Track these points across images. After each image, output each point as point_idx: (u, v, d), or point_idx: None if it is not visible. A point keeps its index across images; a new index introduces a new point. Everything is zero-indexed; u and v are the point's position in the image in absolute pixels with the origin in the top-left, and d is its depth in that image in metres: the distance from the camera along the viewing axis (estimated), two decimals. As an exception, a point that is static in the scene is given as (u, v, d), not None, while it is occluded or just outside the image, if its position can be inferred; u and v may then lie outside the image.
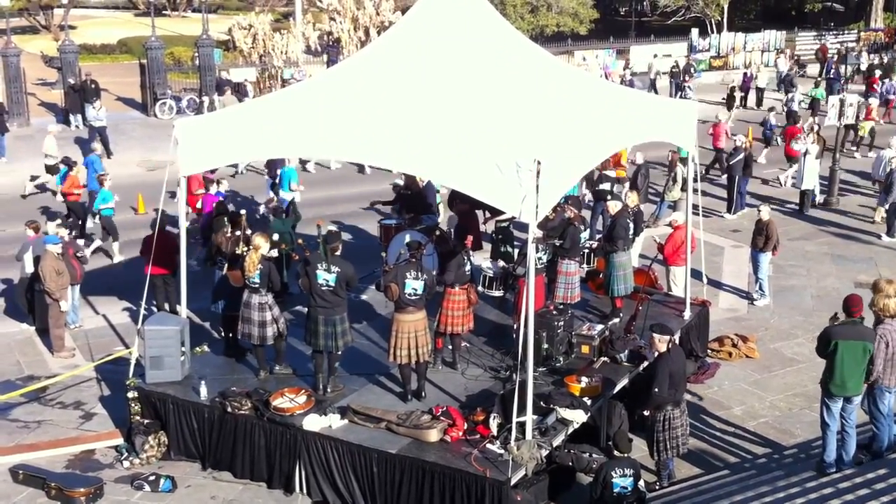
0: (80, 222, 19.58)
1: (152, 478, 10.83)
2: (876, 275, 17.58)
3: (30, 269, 14.83)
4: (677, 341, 11.57)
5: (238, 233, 12.56)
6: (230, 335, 12.62)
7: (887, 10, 54.25)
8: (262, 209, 20.39)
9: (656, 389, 10.18)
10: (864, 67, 40.14)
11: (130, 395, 11.57)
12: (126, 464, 11.27)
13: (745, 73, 38.24)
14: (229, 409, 10.89)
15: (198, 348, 12.60)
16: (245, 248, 11.84)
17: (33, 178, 23.52)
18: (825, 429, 10.11)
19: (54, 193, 21.95)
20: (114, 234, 18.70)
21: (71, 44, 32.38)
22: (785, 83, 35.74)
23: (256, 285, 11.49)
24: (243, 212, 13.74)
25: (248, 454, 10.90)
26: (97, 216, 19.13)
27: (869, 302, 9.93)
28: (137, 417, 11.54)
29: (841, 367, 9.75)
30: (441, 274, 12.03)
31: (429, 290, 11.11)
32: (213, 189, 17.55)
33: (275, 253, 12.17)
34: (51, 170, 22.49)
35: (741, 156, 21.78)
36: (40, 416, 12.53)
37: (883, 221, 20.82)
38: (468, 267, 12.17)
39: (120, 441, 11.70)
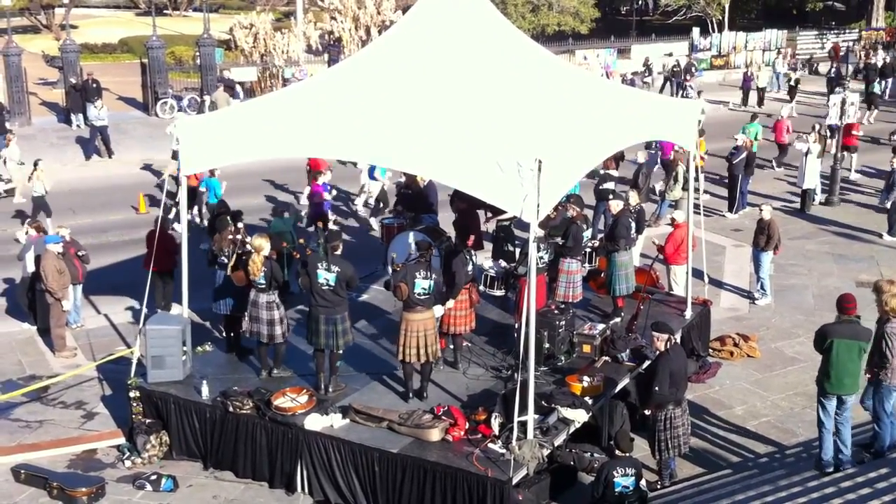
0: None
1: (154, 477, 10.83)
2: (877, 274, 17.60)
3: (31, 268, 14.84)
4: (678, 340, 11.56)
5: (239, 236, 12.56)
6: (232, 335, 12.63)
7: (888, 10, 54.17)
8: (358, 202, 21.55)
9: (657, 388, 10.18)
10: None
11: (132, 394, 11.57)
12: (128, 463, 11.27)
13: (744, 73, 38.23)
14: (231, 409, 10.89)
15: (199, 348, 12.60)
16: (246, 250, 11.84)
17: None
18: (821, 427, 10.15)
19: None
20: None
21: (72, 43, 32.41)
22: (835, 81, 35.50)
23: (263, 286, 11.51)
24: (241, 225, 13.73)
25: (249, 454, 10.90)
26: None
27: (875, 301, 9.95)
28: (139, 417, 11.54)
29: (836, 366, 9.81)
30: (446, 278, 11.97)
31: (437, 288, 11.11)
32: (321, 179, 17.98)
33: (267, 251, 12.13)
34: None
35: (742, 155, 21.75)
36: (42, 415, 12.54)
37: None
38: (471, 267, 12.18)
39: (121, 441, 11.70)
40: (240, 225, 13.24)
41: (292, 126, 11.08)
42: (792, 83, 35.63)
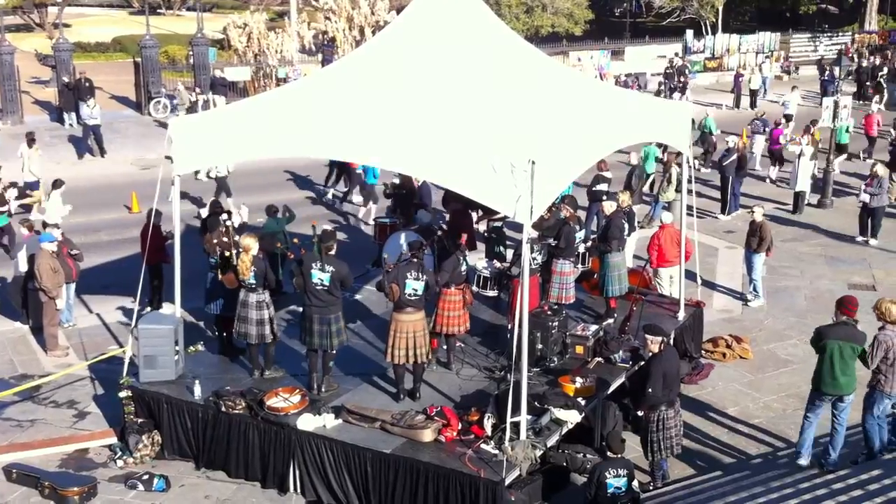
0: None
1: (146, 477, 10.81)
2: (869, 276, 17.71)
3: (23, 267, 14.80)
4: (671, 342, 11.58)
5: (225, 238, 12.53)
6: (224, 334, 12.61)
7: (881, 13, 54.36)
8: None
9: (650, 389, 10.21)
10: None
11: (124, 394, 11.53)
12: (120, 463, 11.25)
13: (736, 75, 38.33)
14: (223, 409, 10.87)
15: (192, 347, 12.56)
16: (235, 252, 11.80)
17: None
18: (805, 421, 10.33)
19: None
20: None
21: (65, 42, 32.33)
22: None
23: (253, 285, 11.49)
24: (225, 217, 13.66)
25: (242, 454, 10.89)
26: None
27: (873, 306, 10.07)
28: (131, 416, 11.51)
29: (830, 366, 9.92)
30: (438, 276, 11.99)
31: (429, 290, 11.12)
32: None
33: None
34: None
35: (734, 157, 21.80)
36: (34, 414, 12.50)
37: None
38: (464, 267, 12.18)
39: (113, 440, 11.67)
40: (228, 223, 13.19)
41: (286, 126, 11.07)
42: (880, 80, 36.38)
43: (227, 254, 12.04)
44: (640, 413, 10.60)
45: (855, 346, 9.87)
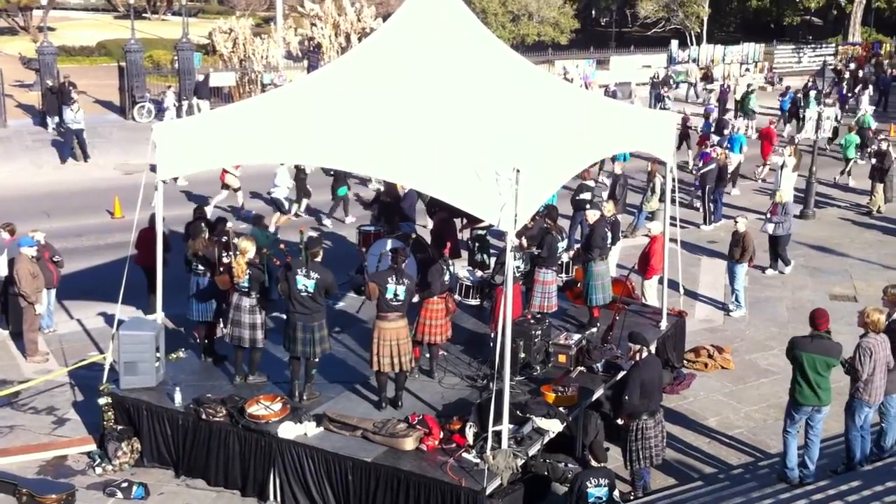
0: None
1: (125, 484, 10.73)
2: (851, 287, 17.79)
3: (3, 272, 14.69)
4: (654, 351, 11.59)
5: (225, 238, 12.51)
6: (206, 341, 12.56)
7: (865, 25, 54.81)
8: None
9: (626, 397, 10.21)
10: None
11: (104, 400, 11.45)
12: (98, 470, 11.16)
13: (721, 86, 38.51)
14: (204, 416, 10.81)
15: (173, 354, 12.50)
16: (232, 253, 11.79)
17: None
18: (786, 436, 10.31)
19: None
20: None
21: (49, 45, 32.16)
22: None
23: (246, 289, 11.45)
24: (230, 225, 13.68)
25: (222, 461, 10.83)
26: None
27: (859, 313, 10.18)
28: (111, 423, 11.43)
29: (805, 379, 9.95)
30: (422, 285, 11.97)
31: (410, 295, 11.10)
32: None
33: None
34: None
35: (713, 166, 21.88)
36: (12, 420, 12.40)
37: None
38: (447, 276, 12.16)
39: (93, 447, 11.58)
40: (230, 225, 13.13)
41: (270, 132, 11.05)
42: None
43: (222, 255, 12.02)
44: (619, 422, 10.61)
45: (829, 359, 9.91)
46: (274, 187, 20.78)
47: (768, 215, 18.46)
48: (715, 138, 26.59)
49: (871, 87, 39.02)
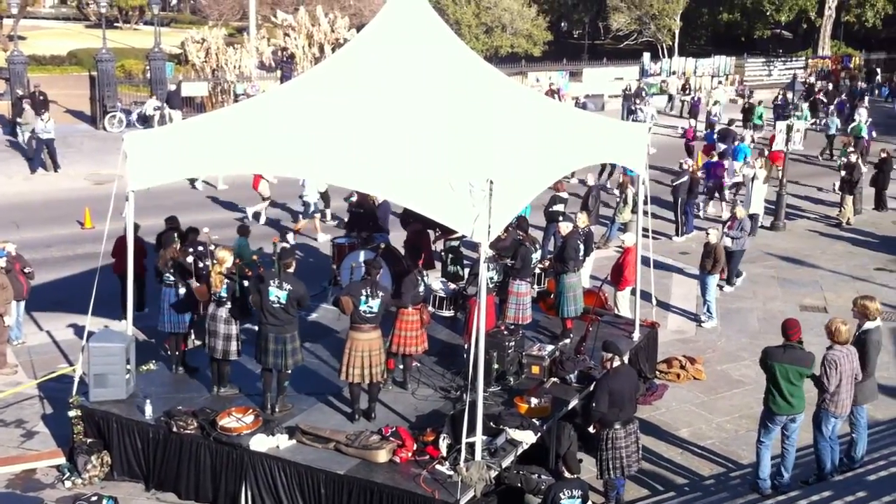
0: None
1: (94, 498, 10.59)
2: (821, 298, 17.94)
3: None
4: (626, 361, 11.62)
5: (200, 248, 12.43)
6: (177, 353, 12.45)
7: (834, 38, 55.47)
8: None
9: (594, 404, 10.22)
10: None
11: (73, 413, 11.33)
12: (68, 484, 11.03)
13: (693, 98, 38.80)
14: (174, 429, 10.71)
15: (143, 366, 12.38)
16: (211, 262, 11.71)
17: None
18: (759, 445, 10.33)
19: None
20: None
21: (20, 54, 31.93)
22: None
23: (224, 299, 11.38)
24: (206, 230, 13.57)
25: (193, 475, 10.73)
26: None
27: (825, 325, 10.22)
28: (80, 436, 11.30)
29: (778, 389, 10.00)
30: (395, 296, 11.94)
31: (385, 307, 11.06)
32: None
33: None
34: None
35: (685, 178, 22.00)
36: (-20, 433, 12.26)
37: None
38: (422, 287, 12.15)
39: (62, 460, 11.45)
40: (205, 230, 13.03)
41: (242, 142, 11.00)
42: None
43: (198, 265, 11.94)
44: (591, 430, 10.61)
45: (802, 369, 9.97)
46: (304, 193, 21.04)
47: (725, 229, 18.34)
48: (721, 146, 26.75)
49: (866, 98, 39.88)
